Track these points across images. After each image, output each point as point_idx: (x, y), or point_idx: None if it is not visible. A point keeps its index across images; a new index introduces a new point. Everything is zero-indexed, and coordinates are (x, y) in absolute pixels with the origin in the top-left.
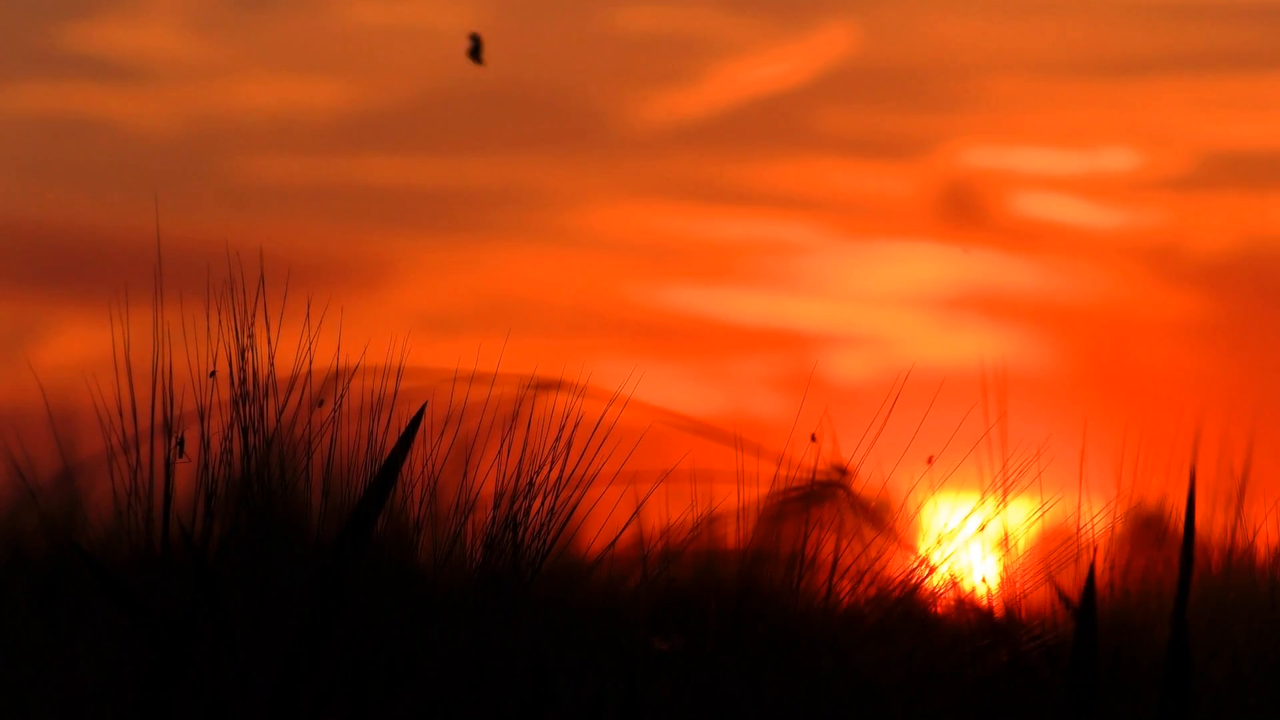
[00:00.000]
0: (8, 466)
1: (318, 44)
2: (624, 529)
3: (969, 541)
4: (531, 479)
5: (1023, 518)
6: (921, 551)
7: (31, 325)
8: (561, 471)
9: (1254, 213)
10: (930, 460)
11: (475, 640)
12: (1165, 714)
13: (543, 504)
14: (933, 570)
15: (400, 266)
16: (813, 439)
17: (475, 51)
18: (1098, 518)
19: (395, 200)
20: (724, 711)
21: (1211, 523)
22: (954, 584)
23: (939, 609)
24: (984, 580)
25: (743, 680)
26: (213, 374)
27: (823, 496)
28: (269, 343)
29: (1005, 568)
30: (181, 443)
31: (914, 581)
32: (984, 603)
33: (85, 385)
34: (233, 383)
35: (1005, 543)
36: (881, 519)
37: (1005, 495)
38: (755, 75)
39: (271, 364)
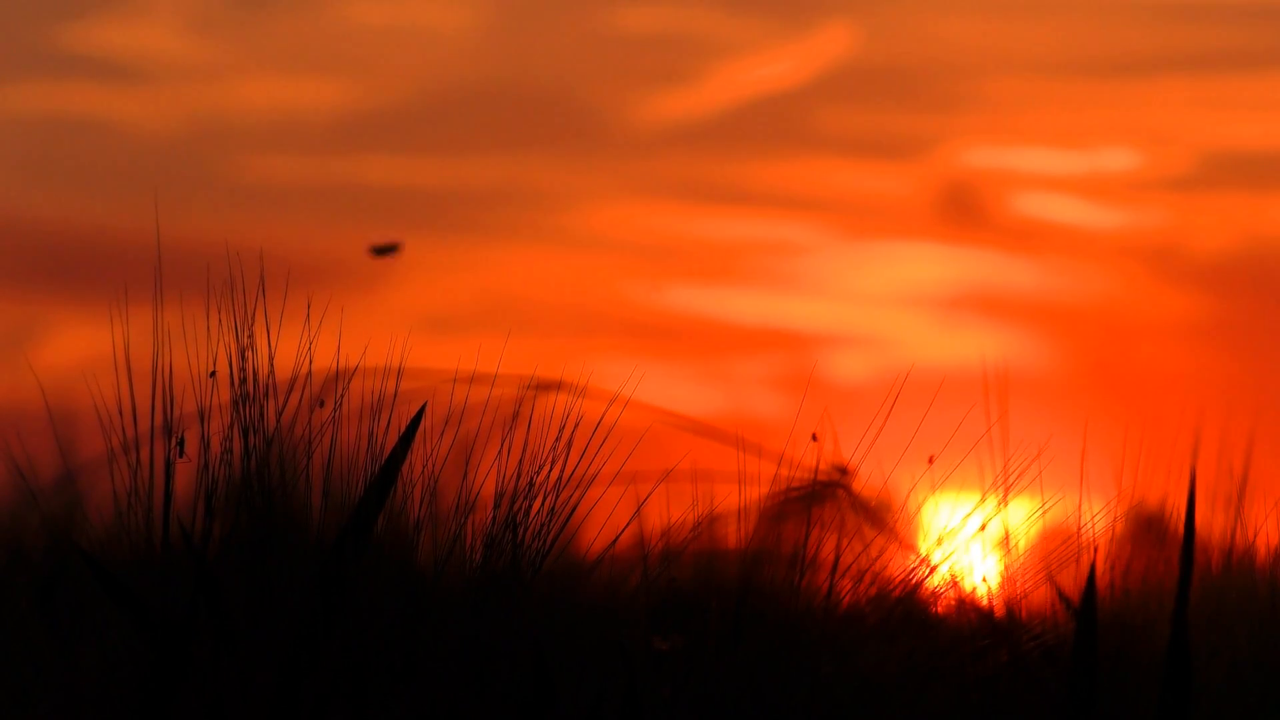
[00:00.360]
0: (8, 467)
1: (318, 44)
2: (624, 529)
3: (969, 541)
4: (532, 479)
5: (1023, 518)
6: (922, 551)
7: (31, 325)
8: (562, 472)
9: (1254, 213)
10: (931, 460)
11: (475, 640)
12: (1165, 714)
13: (543, 504)
14: (933, 570)
15: (400, 266)
16: (813, 439)
17: (384, 251)
18: (1098, 518)
19: (395, 200)
20: (724, 711)
21: (1211, 523)
22: (954, 584)
23: (939, 609)
24: (984, 580)
25: (743, 680)
26: (213, 374)
27: (823, 496)
28: (269, 343)
29: (1005, 568)
30: (182, 443)
31: (914, 581)
32: (984, 602)
33: (85, 385)
34: (233, 383)
35: (1005, 543)
36: (882, 519)
37: (1005, 495)
38: (755, 75)
39: (271, 364)
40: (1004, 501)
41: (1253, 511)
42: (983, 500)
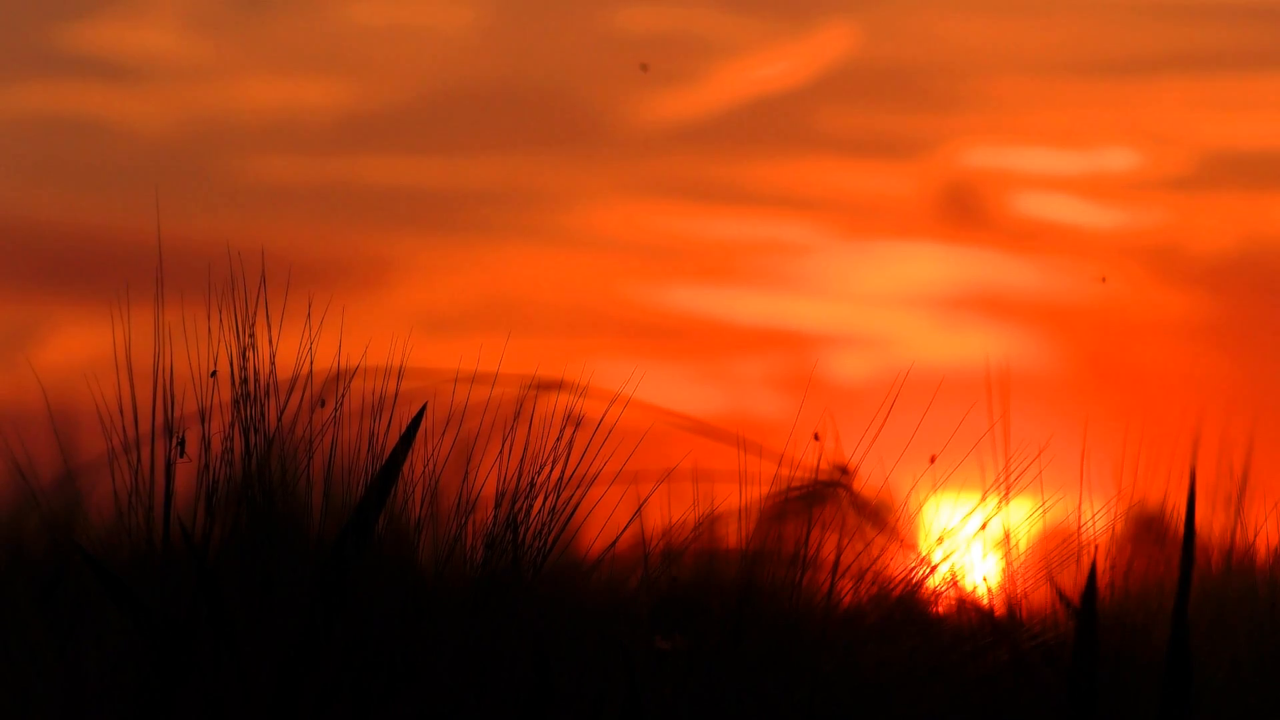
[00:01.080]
0: (8, 466)
1: (318, 44)
2: (625, 529)
3: (970, 541)
4: (532, 479)
5: (1023, 517)
6: (922, 551)
7: (31, 325)
8: (563, 471)
9: (1254, 213)
10: (931, 460)
11: (476, 640)
12: (1165, 714)
13: (544, 504)
14: (934, 569)
15: (400, 266)
16: (815, 438)
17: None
18: (1098, 518)
19: (395, 200)
20: (725, 711)
21: (1211, 523)
22: (955, 583)
23: (940, 608)
24: (985, 580)
25: (744, 679)
26: (214, 374)
27: (824, 496)
28: (270, 343)
29: (1006, 567)
30: (182, 443)
31: (915, 581)
32: (985, 602)
33: (86, 385)
34: (234, 383)
35: (1006, 542)
36: (883, 518)
37: (1006, 495)
38: (755, 75)
39: (272, 364)
40: (1004, 501)
41: (1253, 511)
42: (983, 500)
